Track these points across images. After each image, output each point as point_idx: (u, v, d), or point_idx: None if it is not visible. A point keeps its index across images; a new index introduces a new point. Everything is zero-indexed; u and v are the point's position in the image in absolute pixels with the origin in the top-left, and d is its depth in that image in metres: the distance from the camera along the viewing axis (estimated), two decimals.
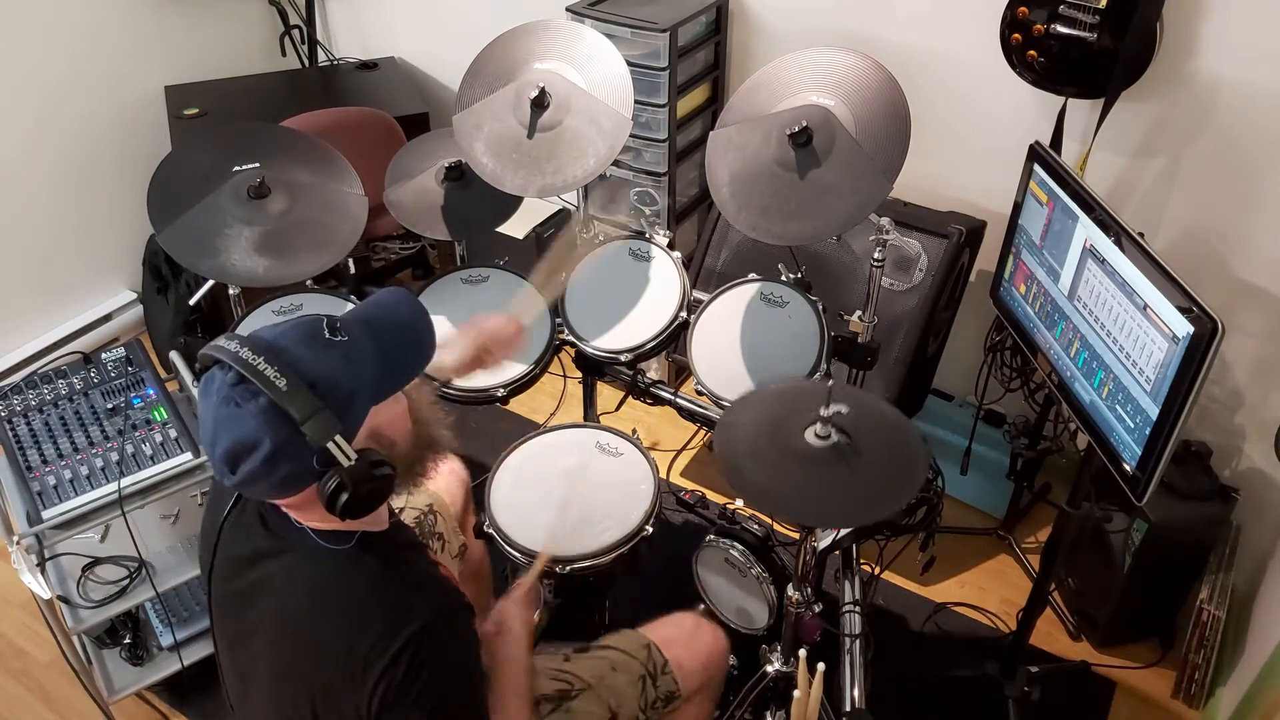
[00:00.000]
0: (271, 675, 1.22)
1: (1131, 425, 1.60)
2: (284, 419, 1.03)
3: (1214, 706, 2.08)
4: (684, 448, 2.68)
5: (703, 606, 2.03)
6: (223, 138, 2.14)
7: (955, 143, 2.41)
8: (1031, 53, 2.05)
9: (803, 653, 1.56)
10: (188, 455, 1.90)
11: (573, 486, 1.83)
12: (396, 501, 1.47)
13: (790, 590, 1.73)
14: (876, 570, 2.03)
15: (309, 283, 2.11)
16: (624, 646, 1.61)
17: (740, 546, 1.96)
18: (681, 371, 2.86)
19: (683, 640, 1.65)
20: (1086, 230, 1.68)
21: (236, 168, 2.00)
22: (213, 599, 1.32)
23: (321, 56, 3.40)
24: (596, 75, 2.00)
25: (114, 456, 1.89)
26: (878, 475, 1.46)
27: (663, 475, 2.00)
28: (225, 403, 1.04)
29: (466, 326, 1.69)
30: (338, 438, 1.04)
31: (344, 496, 1.06)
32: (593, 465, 1.97)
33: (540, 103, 1.97)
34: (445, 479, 1.86)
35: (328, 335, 1.08)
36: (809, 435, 1.48)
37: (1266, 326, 2.17)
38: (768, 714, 1.84)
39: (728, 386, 1.95)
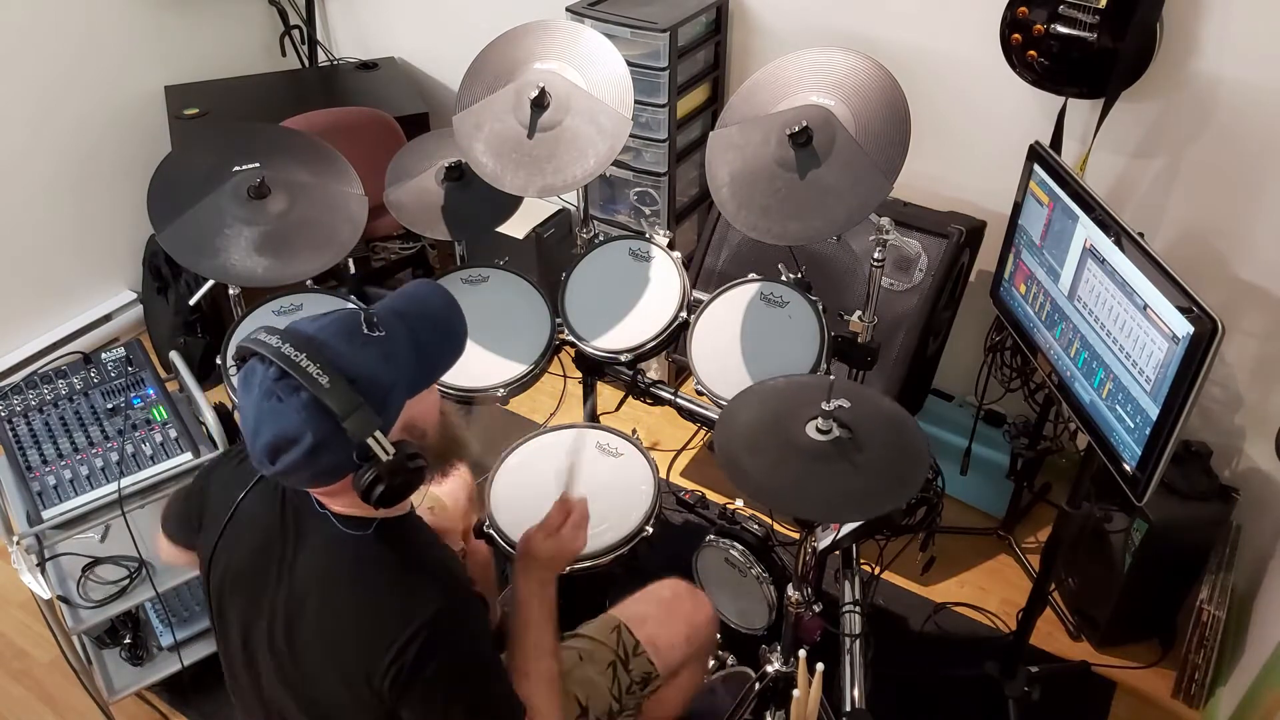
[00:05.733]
0: (286, 661, 1.24)
1: (1131, 425, 1.60)
2: (325, 414, 1.05)
3: (1214, 706, 2.08)
4: (684, 448, 2.68)
5: None
6: (223, 138, 2.14)
7: (955, 143, 2.41)
8: (1031, 53, 2.05)
9: (803, 653, 1.56)
10: (188, 455, 1.90)
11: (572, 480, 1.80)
12: None
13: (790, 590, 1.73)
14: (876, 570, 2.03)
15: (309, 283, 2.11)
16: (592, 633, 1.60)
17: (740, 546, 1.96)
18: (681, 371, 2.86)
19: (658, 617, 1.63)
20: (1086, 230, 1.68)
21: (236, 168, 2.00)
22: (219, 587, 1.33)
23: (321, 56, 3.40)
24: (596, 75, 2.00)
25: (114, 456, 1.89)
26: (880, 470, 1.46)
27: (663, 475, 2.00)
28: (268, 396, 1.07)
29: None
30: (377, 434, 1.07)
31: (380, 488, 1.09)
32: (591, 464, 1.97)
33: (540, 103, 1.97)
34: (449, 481, 1.85)
35: (366, 331, 1.11)
36: (810, 430, 1.48)
37: (1266, 326, 2.17)
38: (768, 714, 1.84)
39: (727, 386, 1.95)
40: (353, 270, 2.28)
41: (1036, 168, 1.84)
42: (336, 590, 1.19)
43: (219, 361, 2.00)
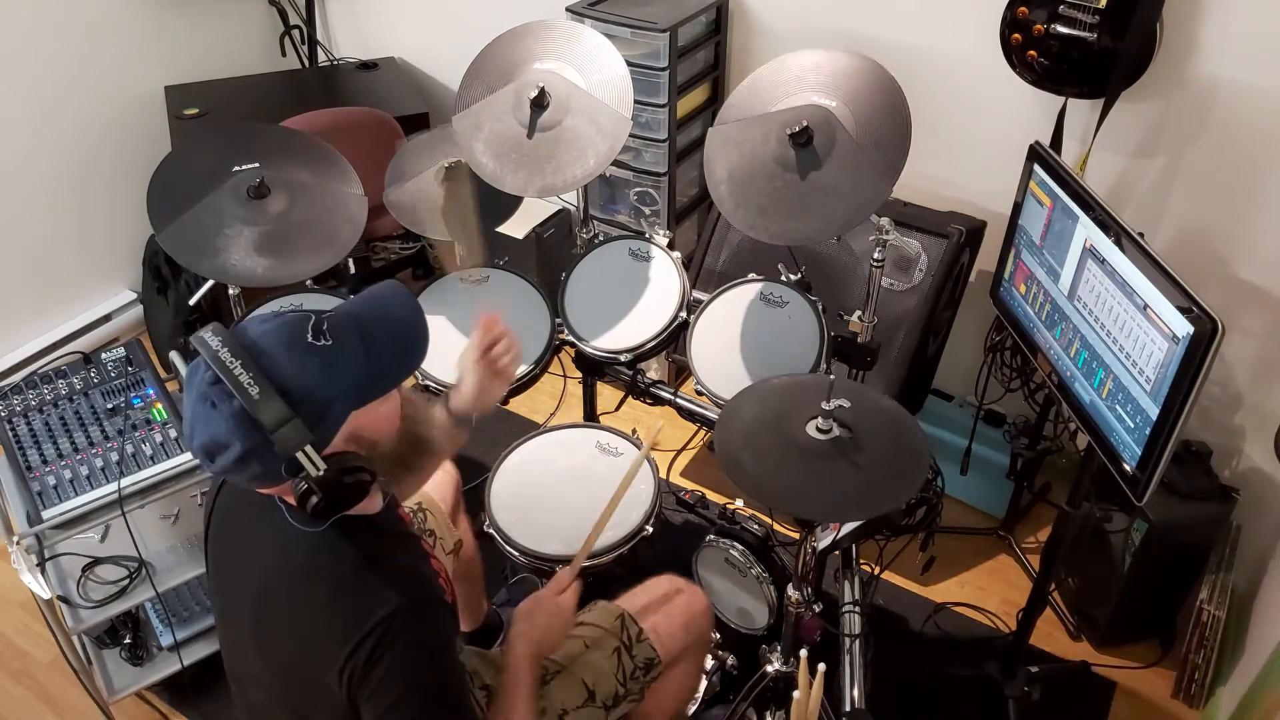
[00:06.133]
0: (260, 651, 1.23)
1: (1131, 425, 1.60)
2: (255, 426, 1.03)
3: (1214, 706, 2.08)
4: (684, 448, 2.68)
5: None
6: (223, 138, 2.14)
7: (955, 143, 2.41)
8: (1031, 53, 2.05)
9: (803, 653, 1.56)
10: (187, 455, 1.90)
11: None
12: None
13: (790, 590, 1.73)
14: (876, 570, 2.03)
15: (309, 283, 2.11)
16: (596, 621, 1.61)
17: (740, 546, 1.96)
18: (681, 371, 2.86)
19: (658, 606, 1.65)
20: (1086, 230, 1.68)
21: (236, 168, 1.99)
22: (210, 572, 1.35)
23: (321, 56, 3.40)
24: (596, 75, 2.00)
25: (114, 456, 1.89)
26: (880, 469, 1.46)
27: (663, 475, 2.00)
28: (202, 400, 1.06)
29: (459, 362, 1.62)
30: (307, 448, 1.05)
31: (314, 500, 1.08)
32: (591, 465, 1.97)
33: (540, 103, 1.97)
34: (436, 476, 1.85)
35: (311, 339, 1.07)
36: (810, 429, 1.48)
37: (1266, 326, 2.17)
38: (768, 714, 1.84)
39: (727, 386, 1.95)
40: (353, 270, 2.28)
41: (1036, 168, 1.84)
42: (293, 587, 1.18)
43: None
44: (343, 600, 1.15)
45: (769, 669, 1.83)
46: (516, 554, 1.81)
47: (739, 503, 2.07)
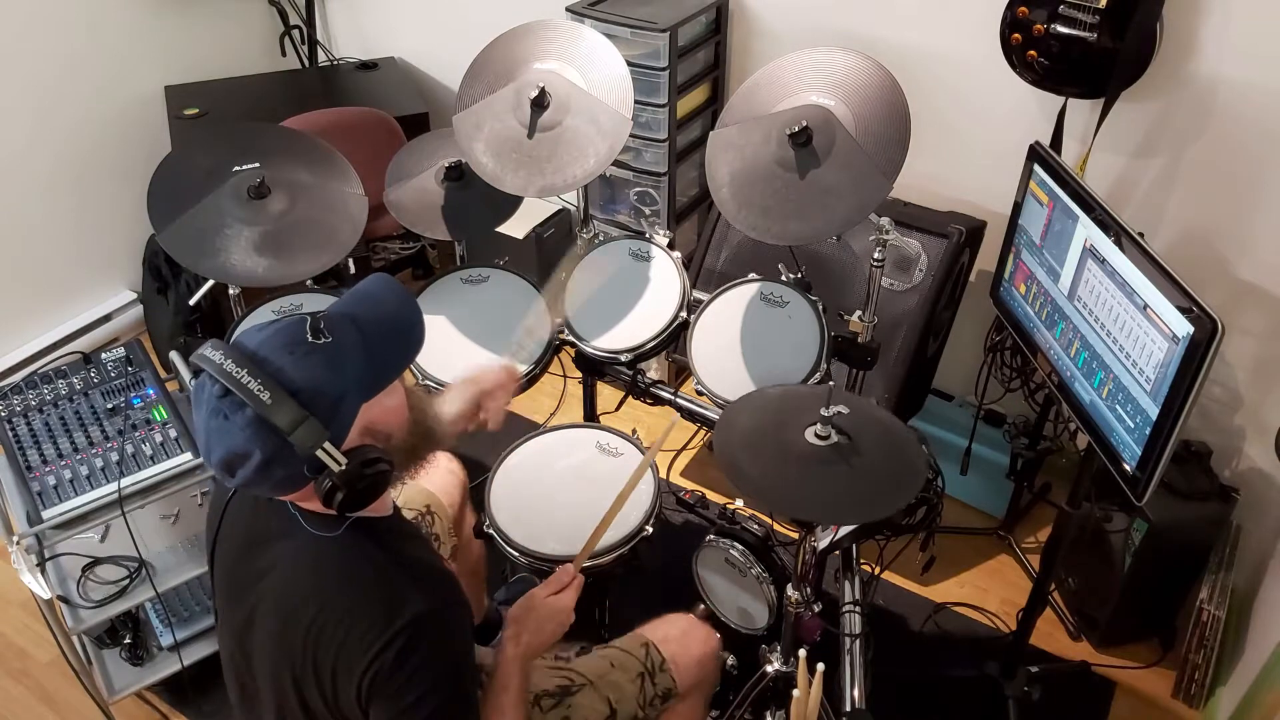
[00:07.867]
0: (272, 659, 1.23)
1: (1131, 425, 1.60)
2: (271, 430, 1.04)
3: (1214, 706, 2.08)
4: (684, 448, 2.67)
5: (702, 606, 2.04)
6: (223, 138, 2.14)
7: (955, 143, 2.41)
8: (1031, 53, 2.05)
9: (803, 653, 1.56)
10: (188, 455, 1.90)
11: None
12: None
13: (790, 590, 1.73)
14: (876, 570, 2.03)
15: (309, 283, 2.11)
16: (623, 645, 1.65)
17: (740, 546, 1.96)
18: (681, 371, 2.86)
19: (677, 639, 1.68)
20: (1086, 230, 1.68)
21: (236, 168, 1.99)
22: (216, 582, 1.34)
23: (321, 57, 3.40)
24: (596, 75, 2.00)
25: (114, 456, 1.89)
26: (877, 476, 1.47)
27: (663, 475, 2.00)
28: (214, 415, 1.06)
29: (464, 380, 1.68)
30: (326, 444, 1.06)
31: (339, 496, 1.09)
32: (591, 465, 1.97)
33: (540, 103, 1.97)
34: (443, 479, 1.85)
35: (311, 339, 1.08)
36: (809, 435, 1.49)
37: (1266, 326, 2.17)
38: (768, 714, 1.84)
39: (728, 386, 1.95)
40: (353, 270, 2.28)
41: (1036, 168, 1.84)
42: (311, 592, 1.18)
43: None
44: (368, 602, 1.15)
45: (769, 669, 1.83)
46: (516, 554, 1.81)
47: (739, 503, 2.07)
